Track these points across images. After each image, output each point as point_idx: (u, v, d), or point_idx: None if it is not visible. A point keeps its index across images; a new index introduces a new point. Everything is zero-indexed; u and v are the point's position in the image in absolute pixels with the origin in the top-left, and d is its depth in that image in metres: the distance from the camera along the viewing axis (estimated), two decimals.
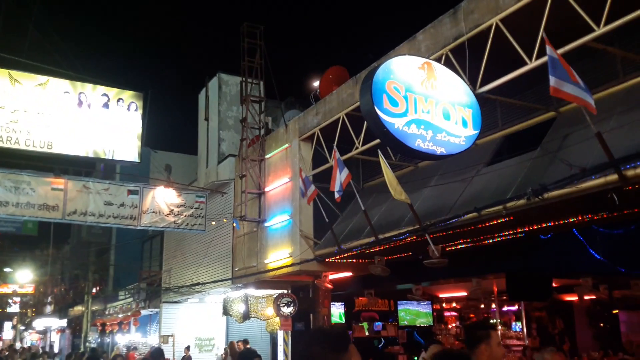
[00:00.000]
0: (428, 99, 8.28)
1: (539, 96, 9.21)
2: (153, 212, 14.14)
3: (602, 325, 16.79)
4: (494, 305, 15.65)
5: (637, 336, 16.26)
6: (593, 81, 8.37)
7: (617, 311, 16.59)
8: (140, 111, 14.04)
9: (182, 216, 14.56)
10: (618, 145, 6.68)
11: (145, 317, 23.66)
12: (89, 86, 13.69)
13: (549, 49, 6.40)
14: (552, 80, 6.23)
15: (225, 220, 15.95)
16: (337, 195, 9.99)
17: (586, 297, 14.42)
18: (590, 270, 11.47)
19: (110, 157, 13.74)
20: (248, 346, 15.98)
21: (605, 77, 8.24)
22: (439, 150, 8.25)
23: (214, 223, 15.90)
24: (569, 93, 6.30)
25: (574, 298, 15.17)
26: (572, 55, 7.28)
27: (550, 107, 8.96)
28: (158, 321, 21.69)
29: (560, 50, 6.94)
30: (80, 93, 13.51)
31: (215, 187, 17.12)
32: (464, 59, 8.71)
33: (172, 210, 14.41)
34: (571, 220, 8.90)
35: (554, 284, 12.28)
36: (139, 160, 14.11)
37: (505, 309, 16.79)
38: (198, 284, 17.47)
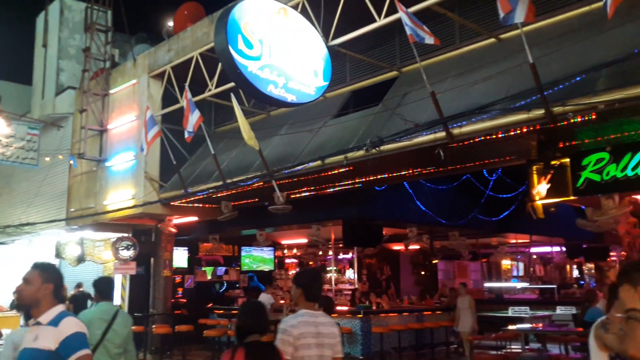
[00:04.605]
0: (283, 46, 8.40)
1: (384, 55, 9.77)
2: None
3: (423, 272, 18.77)
4: (330, 253, 16.65)
5: (451, 282, 18.48)
6: (433, 44, 9.07)
7: (436, 260, 18.68)
8: None
9: (11, 148, 13.30)
10: (449, 106, 7.38)
11: None
12: None
13: (401, 12, 6.84)
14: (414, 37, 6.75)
15: (61, 157, 14.83)
16: (187, 135, 9.79)
17: (411, 247, 15.96)
18: (416, 221, 12.74)
19: None
20: (82, 289, 15.34)
21: (444, 42, 8.93)
22: (290, 97, 8.46)
23: (48, 159, 14.73)
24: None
25: (401, 247, 16.74)
26: (417, 17, 7.80)
27: (394, 66, 9.57)
28: None
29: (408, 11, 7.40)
30: None
31: (51, 120, 15.76)
32: (319, 10, 8.91)
33: (0, 140, 13.08)
34: (403, 173, 9.74)
35: (384, 232, 13.43)
36: None
37: (340, 256, 17.96)
38: (27, 224, 16.20)
